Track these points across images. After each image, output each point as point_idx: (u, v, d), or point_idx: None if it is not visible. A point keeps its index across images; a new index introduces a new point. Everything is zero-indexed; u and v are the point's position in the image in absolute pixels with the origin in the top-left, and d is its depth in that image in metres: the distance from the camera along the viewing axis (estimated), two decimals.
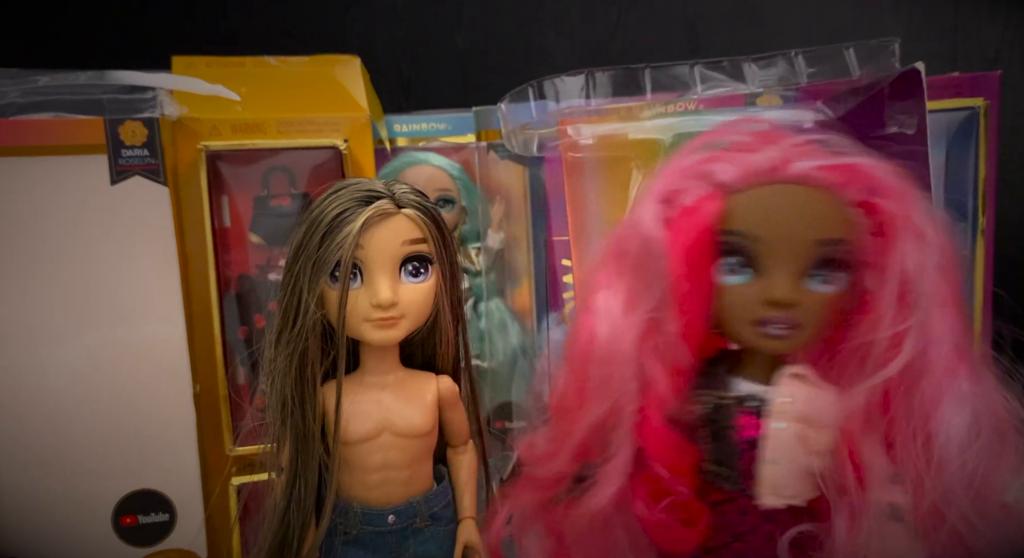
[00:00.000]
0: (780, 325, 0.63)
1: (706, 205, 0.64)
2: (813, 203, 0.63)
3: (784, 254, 0.63)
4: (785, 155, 0.64)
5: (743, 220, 0.64)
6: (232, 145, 1.02)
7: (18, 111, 0.97)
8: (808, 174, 0.63)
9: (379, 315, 0.72)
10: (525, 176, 1.14)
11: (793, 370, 0.65)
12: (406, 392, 0.78)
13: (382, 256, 0.72)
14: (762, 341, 0.65)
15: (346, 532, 0.77)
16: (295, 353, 0.72)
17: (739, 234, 0.64)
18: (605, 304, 0.67)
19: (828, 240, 0.63)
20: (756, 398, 0.66)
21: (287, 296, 0.73)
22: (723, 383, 0.68)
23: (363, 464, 0.76)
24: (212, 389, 1.01)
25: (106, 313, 0.98)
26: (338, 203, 0.71)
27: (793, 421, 0.64)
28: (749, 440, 0.65)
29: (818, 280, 0.63)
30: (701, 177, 0.66)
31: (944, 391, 0.61)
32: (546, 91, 0.98)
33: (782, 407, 0.64)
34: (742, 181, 0.64)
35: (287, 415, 0.74)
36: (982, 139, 0.98)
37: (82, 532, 0.99)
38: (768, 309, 0.63)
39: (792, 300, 0.63)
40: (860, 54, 0.91)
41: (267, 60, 1.09)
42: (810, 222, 0.63)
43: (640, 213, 0.67)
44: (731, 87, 0.98)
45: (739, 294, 0.65)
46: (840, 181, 0.63)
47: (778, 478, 0.64)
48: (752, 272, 0.64)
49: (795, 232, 0.63)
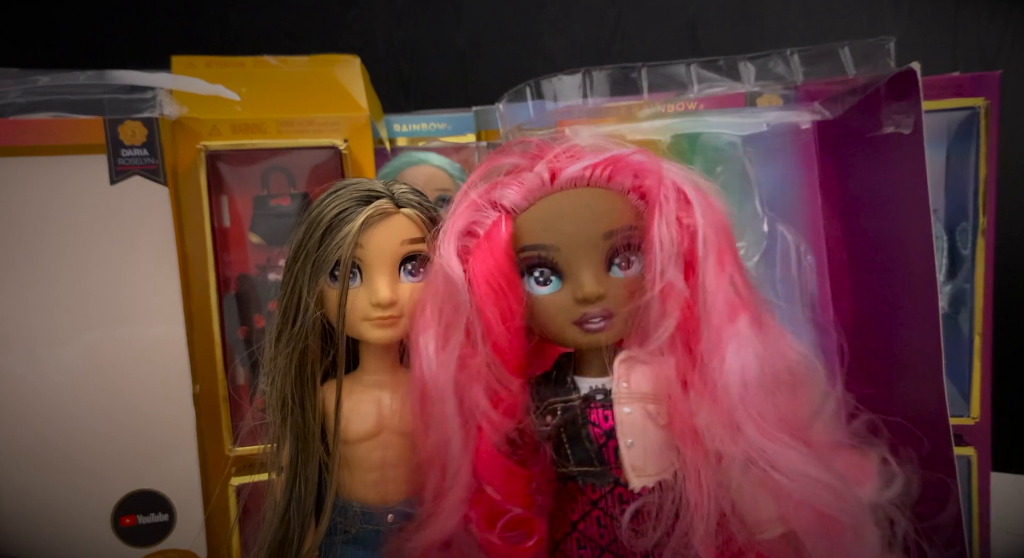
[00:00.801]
0: (596, 318, 0.68)
1: (497, 229, 0.68)
2: (591, 201, 0.68)
3: (580, 253, 0.68)
4: (552, 166, 0.69)
5: (534, 234, 0.68)
6: (232, 145, 1.02)
7: (18, 111, 0.97)
8: (578, 175, 0.68)
9: (378, 314, 0.72)
10: None
11: (622, 356, 0.69)
12: (405, 391, 0.77)
13: (381, 255, 0.72)
14: (587, 338, 0.69)
15: (346, 531, 0.77)
16: (295, 352, 0.73)
17: (535, 247, 0.68)
18: (424, 346, 0.69)
19: (613, 230, 0.67)
20: (600, 391, 0.70)
21: (287, 295, 0.73)
22: (567, 387, 0.71)
23: (363, 463, 0.76)
24: (212, 389, 1.01)
25: (105, 313, 0.98)
26: (337, 203, 0.71)
27: (635, 402, 0.68)
28: (605, 432, 0.68)
29: (618, 267, 0.69)
30: (489, 205, 0.70)
31: (724, 336, 0.64)
32: (544, 90, 0.98)
33: (620, 392, 0.68)
34: (524, 199, 0.69)
35: (287, 414, 0.74)
36: (982, 139, 0.98)
37: (82, 532, 0.98)
38: (582, 307, 0.68)
39: (599, 293, 0.67)
40: (855, 53, 0.91)
41: (267, 60, 1.09)
42: (592, 218, 0.68)
43: (439, 253, 0.69)
44: (727, 86, 0.99)
45: (554, 302, 0.69)
46: (608, 174, 0.68)
47: (638, 459, 0.67)
48: (559, 279, 0.69)
49: (582, 231, 0.67)
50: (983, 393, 0.98)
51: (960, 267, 0.97)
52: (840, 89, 0.95)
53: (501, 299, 0.67)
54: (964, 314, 0.98)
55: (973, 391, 0.98)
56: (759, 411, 0.62)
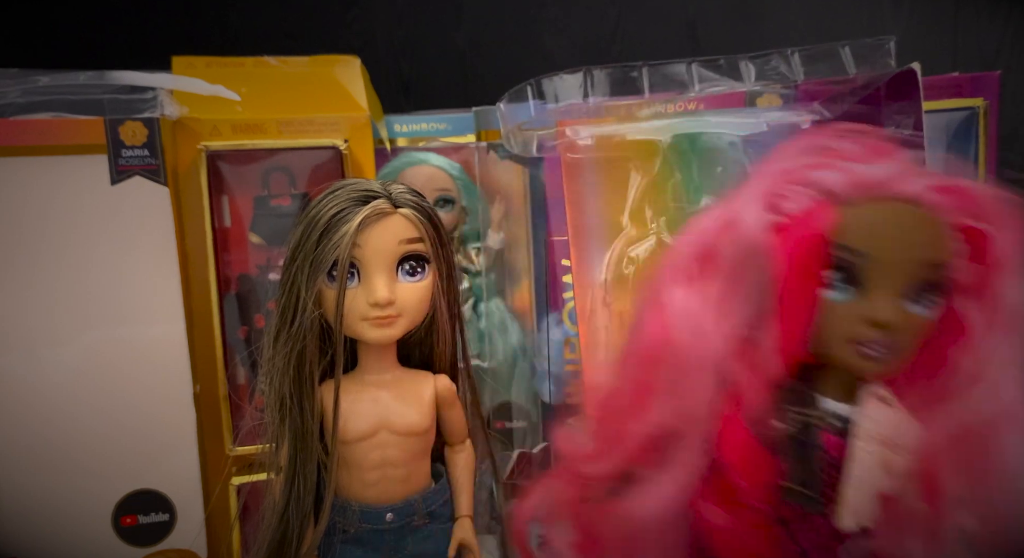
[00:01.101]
0: (878, 347, 0.62)
1: (819, 215, 0.62)
2: (922, 224, 0.61)
3: (890, 274, 0.61)
4: (899, 171, 0.62)
5: (854, 235, 0.62)
6: (232, 145, 1.02)
7: (18, 111, 0.97)
8: (920, 193, 0.61)
9: (376, 314, 0.72)
10: (525, 176, 1.14)
11: (877, 391, 0.64)
12: (404, 391, 0.78)
13: (379, 255, 0.72)
14: (857, 361, 0.63)
15: (344, 530, 0.77)
16: (293, 352, 0.73)
17: (848, 249, 0.62)
18: (685, 305, 0.65)
19: (934, 263, 0.61)
20: (841, 418, 0.65)
21: (285, 295, 0.73)
22: (808, 400, 0.67)
23: (361, 462, 0.76)
24: (212, 389, 1.01)
25: (106, 313, 0.98)
26: (335, 203, 0.71)
27: (877, 444, 0.63)
28: (833, 461, 0.64)
29: (919, 304, 0.62)
30: (807, 183, 0.64)
31: (1013, 424, 0.60)
32: (544, 90, 0.98)
33: (868, 429, 0.63)
34: (853, 193, 0.62)
35: (285, 414, 0.74)
36: (981, 139, 0.98)
37: (82, 532, 0.99)
38: (868, 329, 0.62)
39: (894, 322, 0.61)
40: (856, 53, 0.91)
41: (267, 60, 1.09)
42: (918, 243, 0.61)
43: (742, 214, 0.64)
44: (728, 85, 0.98)
45: (839, 311, 0.63)
46: (948, 203, 0.62)
47: (860, 501, 0.63)
48: (854, 289, 0.62)
49: (903, 252, 0.61)
50: None
51: None
52: (840, 89, 0.95)
53: (806, 289, 0.63)
54: None
55: None
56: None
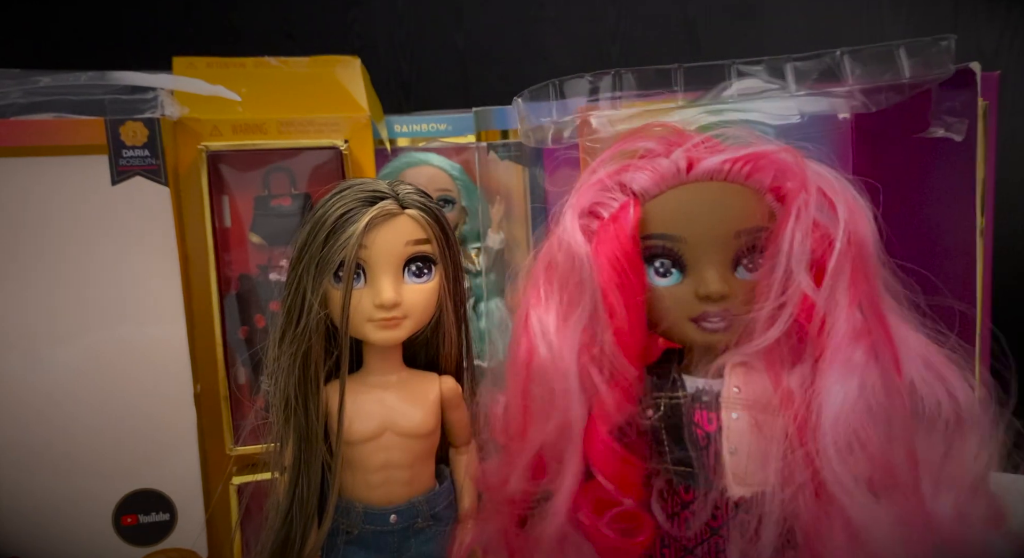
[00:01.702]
0: (716, 318, 0.65)
1: (625, 213, 0.66)
2: (726, 196, 0.65)
3: (708, 250, 0.65)
4: (691, 154, 0.66)
5: (662, 223, 0.66)
6: (233, 145, 1.02)
7: (19, 111, 0.97)
8: (716, 169, 0.65)
9: (382, 315, 0.73)
10: (525, 176, 1.14)
11: (735, 359, 0.66)
12: (409, 392, 0.78)
13: (385, 256, 0.72)
14: (702, 336, 0.66)
15: (348, 531, 0.77)
16: (298, 352, 0.73)
17: (661, 237, 0.66)
18: (539, 321, 0.67)
19: (745, 230, 0.65)
20: (707, 392, 0.67)
21: (291, 296, 0.73)
22: (674, 383, 0.69)
23: (366, 464, 0.76)
24: (213, 389, 1.01)
25: (107, 313, 0.98)
26: (342, 203, 0.71)
27: (744, 409, 0.65)
28: (707, 435, 0.66)
29: (745, 269, 0.66)
30: (617, 188, 0.67)
31: (836, 359, 0.61)
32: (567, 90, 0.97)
33: (732, 397, 0.65)
34: (655, 186, 0.66)
35: (290, 414, 0.75)
36: (981, 139, 0.98)
37: (83, 532, 0.99)
38: (703, 305, 0.65)
39: (724, 292, 0.64)
40: (912, 53, 0.88)
41: (268, 61, 1.09)
42: (725, 215, 0.65)
43: (563, 228, 0.67)
44: (772, 88, 0.96)
45: (672, 295, 0.66)
46: (748, 171, 0.65)
47: (741, 467, 0.64)
48: (681, 272, 0.66)
49: (713, 227, 0.65)
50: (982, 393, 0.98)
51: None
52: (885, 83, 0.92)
53: (625, 284, 0.65)
54: None
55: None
56: (852, 443, 0.59)
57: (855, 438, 0.59)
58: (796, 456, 0.61)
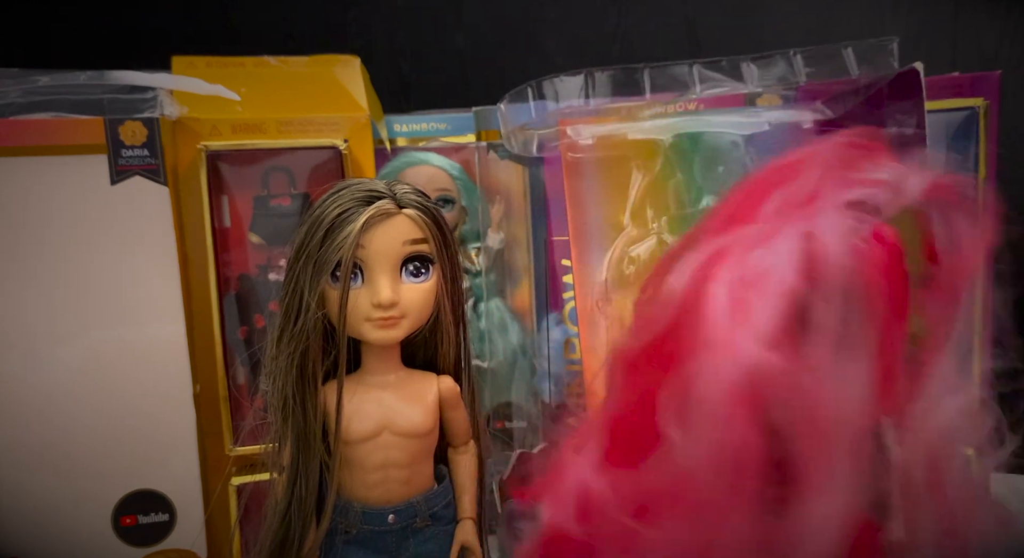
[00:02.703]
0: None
1: (894, 239, 0.57)
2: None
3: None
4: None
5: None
6: (232, 145, 1.02)
7: (18, 111, 0.97)
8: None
9: (380, 315, 0.72)
10: (525, 176, 1.14)
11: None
12: (407, 392, 0.78)
13: (383, 256, 0.72)
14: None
15: (346, 531, 0.77)
16: (296, 352, 0.73)
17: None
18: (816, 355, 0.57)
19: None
20: None
21: (288, 295, 0.73)
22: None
23: (364, 463, 0.76)
24: (212, 389, 1.01)
25: (106, 313, 0.98)
26: (339, 203, 0.71)
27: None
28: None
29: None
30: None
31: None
32: (545, 91, 0.98)
33: None
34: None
35: (288, 414, 0.74)
36: (981, 139, 0.98)
37: (82, 532, 0.99)
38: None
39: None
40: (859, 53, 0.91)
41: (267, 60, 1.09)
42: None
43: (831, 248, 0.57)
44: (730, 87, 0.98)
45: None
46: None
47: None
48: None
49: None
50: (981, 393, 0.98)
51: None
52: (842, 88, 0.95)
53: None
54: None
55: None
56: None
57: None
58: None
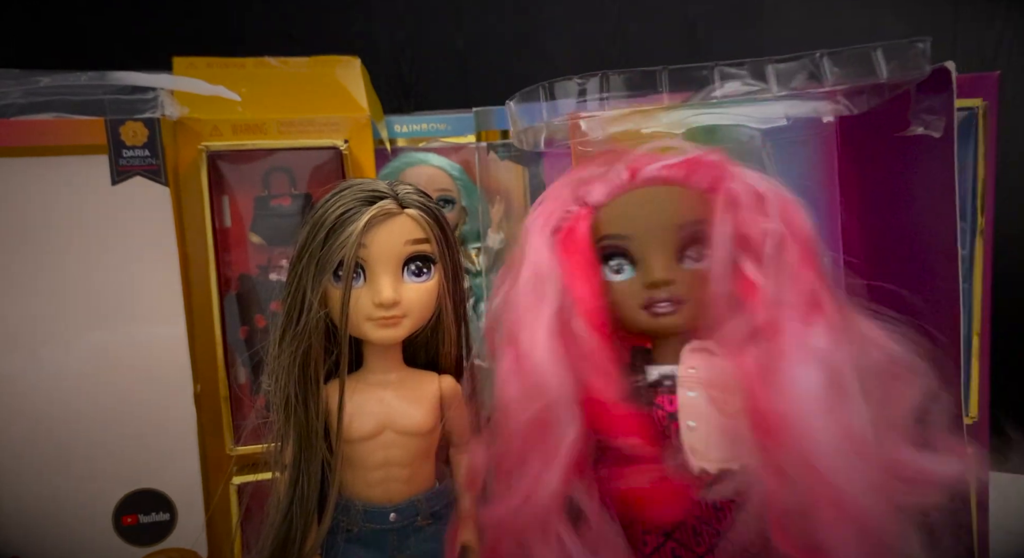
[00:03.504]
0: (664, 303, 0.71)
1: (580, 221, 0.73)
2: (666, 196, 0.72)
3: (652, 243, 0.71)
4: (631, 165, 0.74)
5: (610, 225, 0.73)
6: (233, 145, 1.02)
7: (19, 111, 0.97)
8: (655, 174, 0.73)
9: (381, 314, 0.73)
10: (525, 176, 1.14)
11: (694, 344, 0.71)
12: (409, 391, 0.78)
13: (385, 255, 0.73)
14: (655, 322, 0.72)
15: (348, 529, 0.78)
16: (298, 351, 0.73)
17: (612, 237, 0.73)
18: (530, 333, 0.70)
19: (686, 223, 0.71)
20: (667, 376, 0.72)
21: (291, 295, 0.73)
22: (638, 371, 0.73)
23: (365, 462, 0.77)
24: (213, 389, 1.01)
25: (107, 313, 0.98)
26: (342, 203, 0.72)
27: (701, 387, 0.69)
28: (669, 414, 0.70)
29: (689, 259, 0.72)
30: (576, 201, 0.75)
31: (792, 342, 0.65)
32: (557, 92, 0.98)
33: (687, 376, 0.70)
34: (606, 197, 0.74)
35: (290, 413, 0.75)
36: (981, 139, 0.98)
37: (83, 531, 0.98)
38: (650, 291, 0.71)
39: (668, 278, 0.70)
40: (888, 54, 0.90)
41: (268, 61, 1.09)
42: (666, 212, 0.72)
43: (529, 241, 0.73)
44: (752, 89, 0.97)
45: (628, 288, 0.72)
46: (684, 174, 0.73)
47: (698, 442, 0.68)
48: (632, 267, 0.72)
49: (655, 222, 0.71)
50: (981, 393, 0.98)
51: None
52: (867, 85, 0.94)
53: (586, 279, 0.71)
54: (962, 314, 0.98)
55: (971, 391, 0.98)
56: (820, 423, 0.62)
57: (815, 418, 0.62)
58: (762, 431, 0.64)
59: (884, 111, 0.92)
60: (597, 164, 0.78)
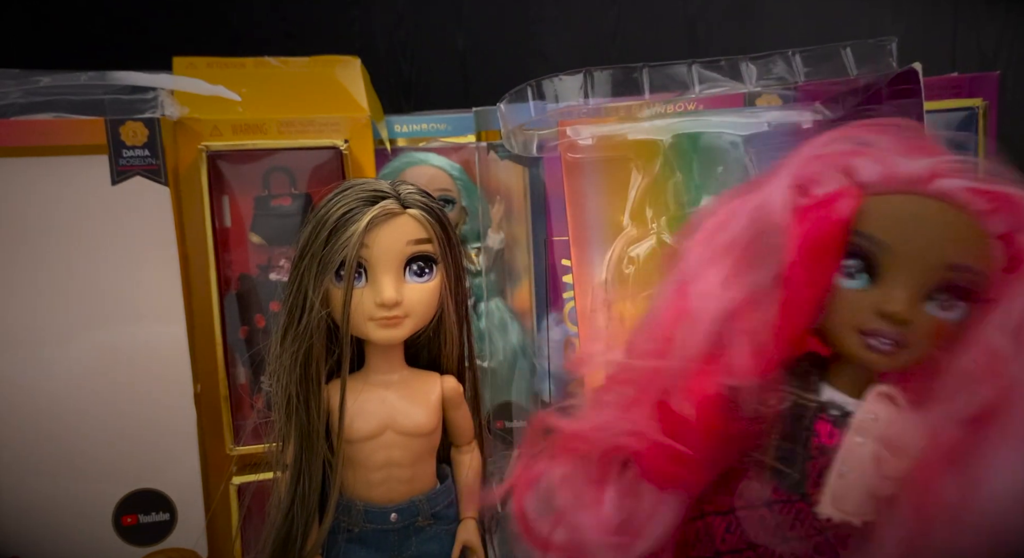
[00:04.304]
0: (887, 340, 0.61)
1: (843, 200, 0.61)
2: (951, 224, 0.59)
3: (908, 268, 0.60)
4: (935, 168, 0.61)
5: (876, 224, 0.61)
6: (233, 145, 1.02)
7: (19, 111, 0.98)
8: (954, 193, 0.60)
9: (383, 314, 0.73)
10: (525, 176, 1.14)
11: (883, 389, 0.62)
12: (410, 391, 0.78)
13: (387, 256, 0.72)
14: (863, 352, 0.62)
15: (349, 530, 0.78)
16: (300, 351, 0.73)
17: (868, 237, 0.61)
18: (706, 274, 0.65)
19: (958, 265, 0.59)
20: (839, 407, 0.64)
21: (293, 294, 0.73)
22: (809, 385, 0.66)
23: (367, 462, 0.77)
24: (213, 389, 1.01)
25: (107, 313, 0.98)
26: (344, 203, 0.72)
27: (872, 439, 0.61)
28: (821, 447, 0.63)
29: (937, 304, 0.60)
30: (842, 170, 0.63)
31: (1008, 434, 0.57)
32: (545, 91, 0.98)
33: (864, 423, 0.62)
34: (884, 183, 0.62)
35: (292, 412, 0.75)
36: (981, 139, 0.98)
37: (83, 531, 0.99)
38: (879, 321, 0.60)
39: (906, 317, 0.59)
40: (857, 54, 0.90)
41: (268, 61, 1.09)
42: (944, 242, 0.59)
43: (770, 193, 0.64)
44: (729, 86, 0.98)
45: (852, 299, 0.62)
46: (986, 208, 0.60)
47: (843, 491, 0.62)
48: (869, 279, 0.61)
49: (925, 248, 0.59)
50: None
51: None
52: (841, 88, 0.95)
53: (820, 268, 0.61)
54: None
55: None
56: (996, 529, 0.56)
57: (1000, 528, 0.56)
58: (912, 505, 0.59)
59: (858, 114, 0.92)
60: (885, 134, 0.65)
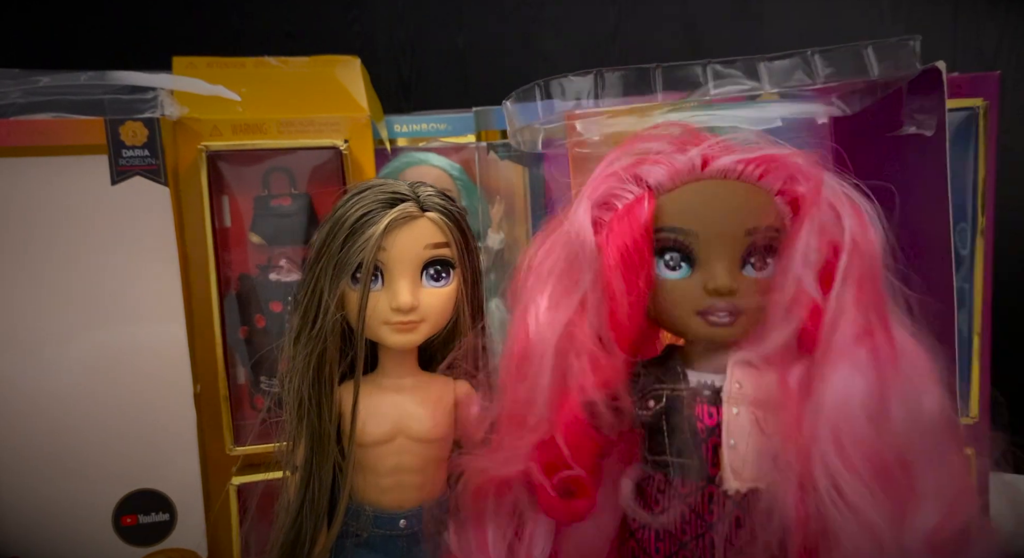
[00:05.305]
0: (723, 313, 0.67)
1: (640, 205, 0.67)
2: (738, 195, 0.67)
3: (718, 245, 0.66)
4: (706, 152, 0.68)
5: (675, 216, 0.67)
6: (232, 145, 1.02)
7: (19, 111, 0.97)
8: (730, 167, 0.67)
9: (399, 318, 0.73)
10: (525, 176, 1.14)
11: (738, 356, 0.67)
12: (423, 396, 0.78)
13: (404, 259, 0.72)
14: (708, 330, 0.68)
15: (357, 534, 0.77)
16: (313, 353, 0.73)
17: (675, 229, 0.67)
18: (535, 305, 0.69)
19: (756, 228, 0.66)
20: (709, 387, 0.69)
21: (308, 296, 0.73)
22: (677, 376, 0.70)
23: (377, 467, 0.76)
24: (213, 389, 1.01)
25: (107, 313, 0.98)
26: (362, 205, 0.71)
27: (745, 405, 0.66)
28: (707, 428, 0.67)
29: (752, 267, 0.67)
30: (632, 180, 0.69)
31: (840, 357, 0.63)
32: (553, 90, 0.98)
33: (733, 393, 0.67)
34: (670, 180, 0.68)
35: (303, 414, 0.75)
36: (981, 139, 0.98)
37: (83, 532, 0.99)
38: (710, 299, 0.66)
39: (731, 287, 0.66)
40: (879, 53, 0.90)
41: (268, 60, 1.09)
42: (738, 212, 0.67)
43: (574, 217, 0.69)
44: (745, 87, 0.97)
45: (683, 287, 0.68)
46: (761, 172, 0.67)
47: (738, 462, 0.65)
48: (690, 266, 0.68)
49: (725, 223, 0.66)
50: (982, 392, 0.99)
51: (959, 267, 0.97)
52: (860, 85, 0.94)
53: (631, 274, 0.67)
54: (963, 314, 0.98)
55: (972, 390, 0.98)
56: (850, 439, 0.61)
57: (852, 437, 0.61)
58: (794, 453, 0.63)
59: (876, 111, 0.92)
60: (660, 139, 0.72)
